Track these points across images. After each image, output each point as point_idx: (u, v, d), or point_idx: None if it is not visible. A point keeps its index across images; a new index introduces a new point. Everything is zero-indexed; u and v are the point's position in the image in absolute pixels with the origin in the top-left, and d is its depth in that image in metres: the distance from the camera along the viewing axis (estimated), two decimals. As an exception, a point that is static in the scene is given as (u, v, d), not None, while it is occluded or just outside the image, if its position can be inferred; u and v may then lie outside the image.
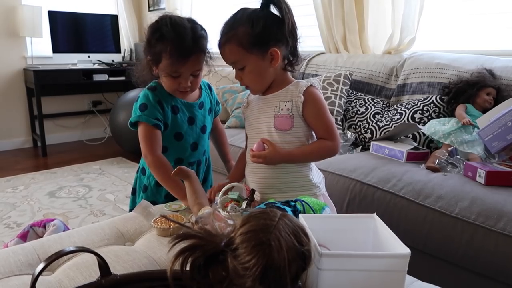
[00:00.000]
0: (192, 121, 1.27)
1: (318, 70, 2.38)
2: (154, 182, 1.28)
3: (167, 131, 1.23)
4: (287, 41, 1.06)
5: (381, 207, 1.35)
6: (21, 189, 2.72)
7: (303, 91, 1.07)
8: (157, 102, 1.20)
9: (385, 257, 0.66)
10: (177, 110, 1.24)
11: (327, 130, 1.08)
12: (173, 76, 1.16)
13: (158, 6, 4.03)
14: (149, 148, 1.20)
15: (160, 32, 1.13)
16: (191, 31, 1.14)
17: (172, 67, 1.13)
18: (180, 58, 1.12)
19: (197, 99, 1.30)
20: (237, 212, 0.91)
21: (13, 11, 3.59)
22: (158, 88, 1.23)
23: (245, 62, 1.05)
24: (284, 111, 1.07)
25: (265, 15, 1.04)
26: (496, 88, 1.64)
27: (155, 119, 1.19)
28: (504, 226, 1.11)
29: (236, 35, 1.02)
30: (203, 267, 0.55)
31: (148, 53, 1.17)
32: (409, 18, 2.08)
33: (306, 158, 1.09)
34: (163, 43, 1.12)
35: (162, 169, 1.19)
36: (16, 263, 0.87)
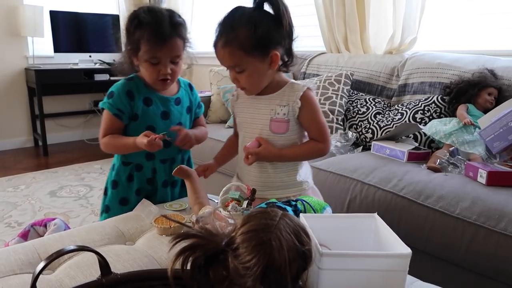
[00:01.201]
0: (167, 116, 1.24)
1: (319, 70, 2.37)
2: (125, 177, 1.26)
3: (137, 123, 1.21)
4: (284, 42, 1.05)
5: (382, 207, 1.35)
6: (22, 189, 2.73)
7: (300, 96, 1.07)
8: (126, 92, 1.19)
9: (386, 257, 0.66)
10: (150, 102, 1.22)
11: (320, 132, 1.11)
12: (153, 63, 1.14)
13: (158, 5, 4.03)
14: (102, 132, 1.21)
15: (138, 19, 1.13)
16: (168, 17, 1.14)
17: (150, 52, 1.12)
18: (158, 42, 1.11)
19: (174, 94, 1.28)
20: (238, 211, 0.91)
21: (15, 10, 3.60)
22: (135, 79, 1.22)
23: (245, 66, 1.03)
24: (280, 115, 1.08)
25: (264, 16, 1.02)
26: (498, 88, 1.64)
27: (117, 109, 1.18)
28: (505, 226, 1.11)
29: (237, 38, 1.00)
30: (204, 266, 0.55)
31: (127, 43, 1.17)
32: (411, 18, 2.08)
33: (296, 158, 1.13)
34: (141, 30, 1.12)
35: (112, 141, 1.20)
36: (16, 262, 0.87)
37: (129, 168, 1.26)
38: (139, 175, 1.26)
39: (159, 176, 1.27)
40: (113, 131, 1.20)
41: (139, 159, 1.24)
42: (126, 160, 1.25)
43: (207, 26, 3.57)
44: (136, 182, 1.26)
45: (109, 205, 1.28)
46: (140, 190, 1.26)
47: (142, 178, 1.26)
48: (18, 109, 3.77)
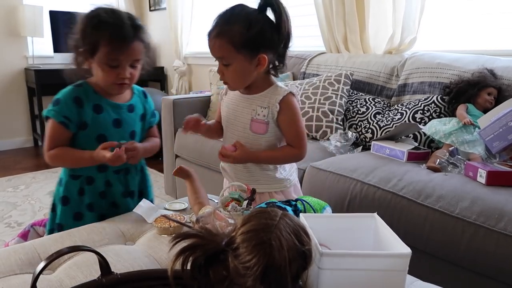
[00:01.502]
0: (119, 123, 1.17)
1: (319, 70, 2.37)
2: (75, 191, 1.17)
3: (86, 132, 1.14)
4: (278, 48, 1.07)
5: (381, 207, 1.35)
6: (22, 189, 2.73)
7: (279, 100, 1.09)
8: (73, 99, 1.12)
9: (385, 256, 0.66)
10: (101, 110, 1.15)
11: (296, 138, 1.13)
12: (112, 66, 1.08)
13: (159, 6, 4.03)
14: (48, 145, 1.13)
15: (98, 19, 1.06)
16: (129, 19, 1.09)
17: (112, 54, 1.06)
18: (120, 45, 1.06)
19: (127, 101, 1.21)
20: (238, 211, 0.91)
21: (14, 10, 3.60)
22: (84, 85, 1.15)
23: (232, 60, 1.05)
24: (260, 117, 1.12)
25: (262, 19, 1.04)
26: (497, 88, 1.64)
27: (63, 117, 1.10)
28: (505, 226, 1.11)
29: (230, 32, 1.02)
30: (204, 266, 0.55)
31: (82, 44, 1.09)
32: (410, 18, 2.08)
33: (270, 161, 1.17)
34: (100, 30, 1.05)
35: (61, 159, 1.13)
36: (16, 262, 0.87)
37: (79, 182, 1.17)
38: (90, 189, 1.17)
39: (115, 188, 1.20)
40: (60, 142, 1.12)
41: (90, 172, 1.16)
42: (74, 173, 1.17)
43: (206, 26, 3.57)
44: (87, 196, 1.17)
45: (61, 223, 1.18)
46: (92, 205, 1.18)
47: (94, 191, 1.18)
48: (18, 109, 3.77)
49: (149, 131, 1.31)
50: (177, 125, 2.41)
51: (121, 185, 1.21)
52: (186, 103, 2.49)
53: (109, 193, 1.19)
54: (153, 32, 4.52)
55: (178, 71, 3.74)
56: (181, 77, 3.77)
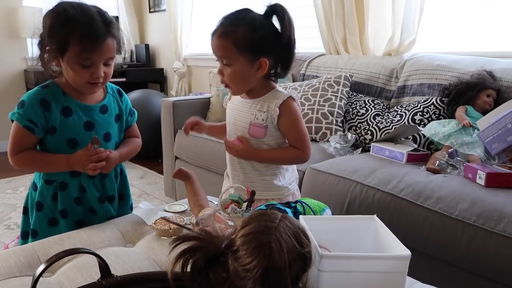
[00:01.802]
0: (91, 126, 1.10)
1: (319, 72, 2.38)
2: (50, 197, 1.11)
3: (55, 137, 1.07)
4: (279, 55, 1.08)
5: (381, 209, 1.35)
6: (21, 190, 2.73)
7: (279, 104, 1.10)
8: (39, 101, 1.05)
9: (385, 258, 0.66)
10: (70, 112, 1.08)
11: (298, 141, 1.14)
12: (84, 66, 1.01)
13: (158, 7, 4.04)
14: (12, 149, 1.07)
15: (66, 15, 0.98)
16: (99, 15, 1.02)
17: (84, 53, 0.99)
18: (92, 43, 0.99)
19: (100, 101, 1.14)
20: (237, 213, 0.91)
21: (14, 12, 3.60)
22: (51, 86, 1.08)
23: (233, 61, 1.06)
24: (259, 121, 1.12)
25: (267, 24, 1.06)
26: (496, 90, 1.64)
27: (28, 121, 1.03)
28: (504, 227, 1.11)
29: (234, 33, 1.04)
30: (204, 268, 0.55)
31: (49, 43, 1.02)
32: (410, 19, 2.08)
33: (271, 160, 1.17)
34: (69, 28, 0.97)
35: (29, 163, 1.08)
36: (16, 264, 0.87)
37: (53, 187, 1.11)
38: (64, 195, 1.10)
39: (90, 194, 1.13)
40: (25, 146, 1.06)
41: (62, 177, 1.10)
42: (48, 178, 1.10)
43: (206, 28, 3.58)
44: (60, 202, 1.11)
45: (36, 229, 1.12)
46: (66, 212, 1.11)
47: (67, 198, 1.11)
48: (18, 110, 3.77)
49: (128, 130, 1.24)
50: (176, 127, 2.41)
51: (96, 190, 1.14)
52: (186, 105, 2.49)
53: (84, 199, 1.13)
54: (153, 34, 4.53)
55: (177, 72, 3.74)
56: (181, 79, 3.78)
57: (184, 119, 2.39)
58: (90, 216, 1.14)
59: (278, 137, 1.15)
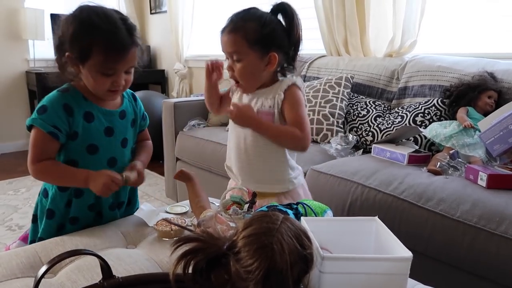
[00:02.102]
0: (111, 132, 1.09)
1: (320, 73, 2.38)
2: (63, 204, 1.08)
3: (76, 142, 1.05)
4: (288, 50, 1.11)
5: (382, 210, 1.35)
6: (23, 192, 2.73)
7: (284, 89, 1.11)
8: (62, 106, 1.02)
9: (387, 260, 0.66)
10: (92, 117, 1.06)
11: (298, 123, 1.11)
12: (106, 74, 1.00)
13: (160, 9, 4.04)
14: (33, 157, 1.02)
15: (90, 23, 0.96)
16: (123, 22, 1.00)
17: (107, 63, 0.98)
18: (117, 53, 0.98)
19: (118, 107, 1.13)
20: (239, 214, 0.92)
21: (16, 14, 3.61)
22: (71, 91, 1.05)
23: (243, 56, 1.08)
24: (266, 107, 1.13)
25: (276, 20, 1.09)
26: (498, 91, 1.64)
27: (52, 126, 1.00)
28: (505, 229, 1.11)
29: (245, 28, 1.06)
30: (206, 270, 0.56)
31: (70, 49, 0.99)
32: (410, 21, 2.08)
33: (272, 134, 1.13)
34: (94, 36, 0.96)
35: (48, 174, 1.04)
36: (18, 266, 0.87)
37: (67, 194, 1.08)
38: (78, 202, 1.09)
39: (105, 200, 1.12)
40: (48, 154, 1.02)
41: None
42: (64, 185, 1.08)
43: (207, 29, 3.58)
44: (73, 209, 1.09)
45: (44, 237, 1.09)
46: (77, 218, 1.10)
47: (82, 205, 1.10)
48: (19, 111, 3.78)
49: (141, 134, 1.24)
50: (178, 128, 2.41)
51: (111, 197, 1.13)
52: (187, 106, 2.49)
53: (98, 205, 1.12)
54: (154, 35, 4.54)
55: (178, 74, 3.75)
56: (182, 80, 3.78)
57: (185, 121, 2.41)
58: (97, 220, 1.13)
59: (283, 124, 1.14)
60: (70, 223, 1.10)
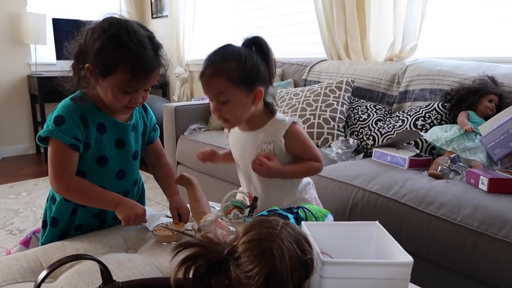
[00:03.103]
0: (122, 144, 1.08)
1: (320, 77, 2.38)
2: (68, 213, 1.08)
3: (88, 153, 1.03)
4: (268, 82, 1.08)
5: (383, 214, 1.35)
6: (24, 195, 2.73)
7: (283, 134, 1.09)
8: (79, 116, 0.99)
9: (387, 265, 0.66)
10: (105, 129, 1.05)
11: (312, 156, 1.13)
12: (126, 92, 0.98)
13: (161, 13, 4.06)
14: (58, 172, 0.99)
15: (120, 42, 0.94)
16: (150, 42, 0.99)
17: (131, 82, 0.97)
18: (142, 73, 0.97)
19: (129, 119, 1.12)
20: (239, 219, 0.91)
21: (18, 18, 3.63)
22: (85, 100, 1.02)
23: (230, 96, 1.03)
24: (266, 152, 1.10)
25: (254, 53, 1.05)
26: (498, 95, 1.64)
27: (73, 138, 0.98)
28: (507, 233, 1.10)
29: (227, 68, 1.01)
30: (206, 275, 0.56)
31: (93, 62, 0.96)
32: (411, 25, 2.09)
33: (297, 175, 1.15)
34: (122, 54, 0.94)
35: (77, 191, 1.02)
36: (19, 270, 0.87)
37: (72, 204, 1.07)
38: (83, 211, 1.08)
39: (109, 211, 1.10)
40: (73, 167, 1.00)
41: None
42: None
43: (208, 33, 3.60)
44: (79, 217, 1.09)
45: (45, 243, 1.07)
46: (82, 226, 1.09)
47: (87, 214, 1.09)
48: (20, 115, 3.79)
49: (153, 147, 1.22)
50: (179, 132, 2.42)
51: None
52: (188, 110, 2.50)
53: (103, 213, 1.12)
54: (155, 40, 4.45)
55: (180, 78, 3.76)
56: (183, 84, 3.79)
57: (186, 125, 2.42)
58: (101, 227, 1.13)
59: (285, 161, 1.13)
60: (74, 230, 1.10)
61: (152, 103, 3.35)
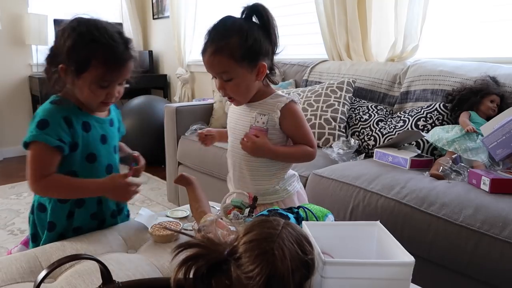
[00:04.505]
0: (105, 139, 1.11)
1: (321, 78, 2.38)
2: (64, 216, 1.07)
3: (77, 153, 1.04)
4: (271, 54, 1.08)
5: (385, 215, 1.35)
6: (25, 196, 2.73)
7: (281, 107, 1.10)
8: (62, 118, 1.00)
9: (389, 265, 0.66)
10: (89, 127, 1.06)
11: (306, 139, 1.13)
12: (102, 86, 1.01)
13: (162, 14, 4.06)
14: (37, 173, 0.98)
15: (92, 38, 0.97)
16: (120, 37, 1.01)
17: (106, 76, 0.99)
18: (115, 66, 1.00)
19: (107, 115, 1.15)
20: (239, 219, 0.91)
21: (20, 19, 3.64)
22: (65, 102, 1.04)
23: (234, 74, 1.04)
24: (259, 124, 1.11)
25: (255, 26, 1.04)
26: (500, 95, 1.63)
27: (58, 140, 0.98)
28: (509, 234, 1.10)
29: (228, 46, 1.00)
30: (206, 276, 0.55)
31: (66, 61, 0.98)
32: (412, 25, 2.08)
33: (287, 157, 1.15)
34: (94, 50, 0.96)
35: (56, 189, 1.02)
36: (18, 270, 0.87)
37: (68, 206, 1.06)
38: (81, 212, 1.08)
39: (106, 208, 1.13)
40: (52, 169, 1.00)
41: None
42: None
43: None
44: (76, 219, 1.08)
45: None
46: (81, 228, 1.09)
47: (85, 214, 1.09)
48: (22, 116, 3.79)
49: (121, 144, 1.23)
50: (180, 133, 2.41)
51: (112, 203, 1.15)
52: (189, 111, 2.49)
53: (100, 213, 1.12)
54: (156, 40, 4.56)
55: (181, 78, 3.76)
56: (184, 85, 3.79)
57: (187, 125, 2.41)
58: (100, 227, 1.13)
59: (277, 139, 1.13)
60: (72, 232, 1.09)
61: (153, 103, 3.37)
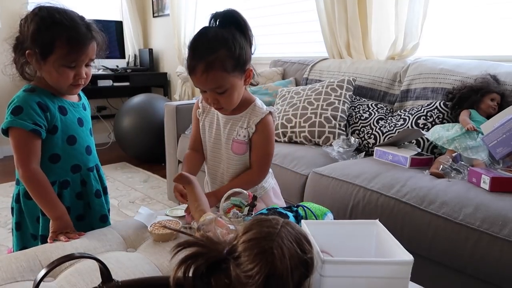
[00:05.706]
0: (82, 122, 1.17)
1: (322, 76, 2.38)
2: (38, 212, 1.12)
3: (57, 136, 1.09)
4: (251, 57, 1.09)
5: (384, 213, 1.35)
6: (25, 194, 2.73)
7: (256, 122, 1.12)
8: (36, 104, 1.05)
9: (388, 264, 0.66)
10: (66, 110, 1.12)
11: (261, 160, 1.16)
12: (69, 67, 1.04)
13: (162, 12, 4.06)
14: (22, 159, 1.04)
15: (53, 20, 1.01)
16: (80, 19, 1.07)
17: (71, 55, 1.03)
18: (79, 45, 1.03)
19: (79, 100, 1.21)
20: (239, 218, 0.91)
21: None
22: (38, 90, 1.08)
23: (228, 86, 1.03)
24: (241, 137, 1.14)
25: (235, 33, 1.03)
26: (500, 93, 1.63)
27: (33, 124, 1.03)
28: (509, 233, 1.10)
29: (218, 60, 0.99)
30: (206, 274, 0.55)
31: (31, 46, 1.03)
32: (413, 23, 2.08)
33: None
34: (57, 31, 1.01)
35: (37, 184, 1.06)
36: (18, 269, 0.87)
37: (55, 188, 1.11)
38: (67, 193, 1.14)
39: (89, 188, 1.18)
40: (37, 153, 1.05)
41: (64, 175, 1.13)
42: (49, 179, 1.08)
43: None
44: (65, 200, 1.12)
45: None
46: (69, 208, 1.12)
47: (71, 194, 1.15)
48: (22, 114, 3.79)
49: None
50: (179, 131, 2.41)
51: (96, 182, 1.20)
52: (189, 109, 2.48)
53: (85, 193, 1.18)
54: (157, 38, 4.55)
55: (181, 77, 3.75)
56: (184, 83, 3.79)
57: (187, 123, 2.41)
58: (87, 210, 1.19)
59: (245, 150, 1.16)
60: None
61: (153, 102, 3.37)
